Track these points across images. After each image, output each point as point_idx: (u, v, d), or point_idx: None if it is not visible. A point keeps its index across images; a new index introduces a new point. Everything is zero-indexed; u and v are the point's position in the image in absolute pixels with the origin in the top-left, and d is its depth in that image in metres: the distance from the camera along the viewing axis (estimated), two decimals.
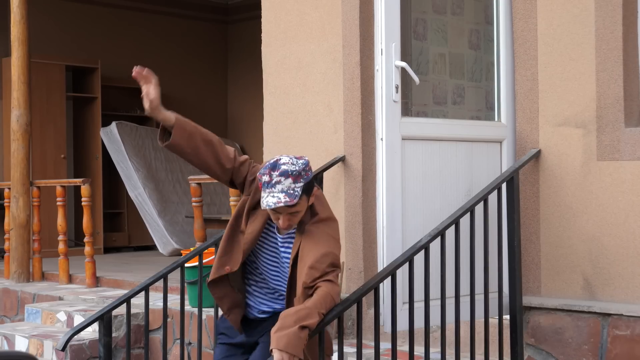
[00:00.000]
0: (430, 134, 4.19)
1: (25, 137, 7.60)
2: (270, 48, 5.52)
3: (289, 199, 3.17)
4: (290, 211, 3.23)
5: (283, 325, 3.04)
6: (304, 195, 3.24)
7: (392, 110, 3.98)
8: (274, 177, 3.19)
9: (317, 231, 3.28)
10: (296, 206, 3.22)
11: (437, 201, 4.10)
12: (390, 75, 3.96)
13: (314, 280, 3.17)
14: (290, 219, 3.26)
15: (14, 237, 7.60)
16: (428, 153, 4.14)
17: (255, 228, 3.37)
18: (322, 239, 3.27)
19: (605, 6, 4.25)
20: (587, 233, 4.31)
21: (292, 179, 3.19)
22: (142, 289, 4.36)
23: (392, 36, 3.96)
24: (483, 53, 4.70)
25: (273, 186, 3.18)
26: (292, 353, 3.00)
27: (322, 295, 3.15)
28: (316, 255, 3.19)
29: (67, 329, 5.98)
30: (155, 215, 9.40)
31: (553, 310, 4.32)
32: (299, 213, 3.27)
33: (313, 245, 3.24)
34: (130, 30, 10.76)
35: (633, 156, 4.18)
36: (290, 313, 3.08)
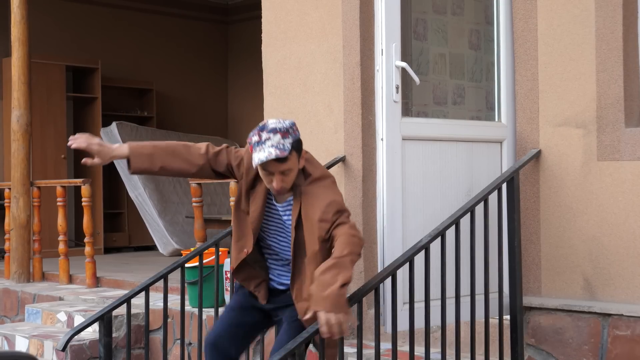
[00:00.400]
0: (431, 134, 4.18)
1: (25, 137, 7.60)
2: (270, 48, 5.52)
3: (279, 152, 3.28)
4: (282, 168, 3.32)
5: (321, 285, 3.11)
6: (294, 152, 3.35)
7: (393, 111, 3.97)
8: (263, 136, 3.31)
9: (314, 189, 3.40)
10: (287, 162, 3.32)
11: (437, 201, 4.10)
12: (390, 76, 3.96)
13: (327, 232, 3.30)
14: (283, 180, 3.35)
15: (14, 237, 7.60)
16: (428, 153, 4.14)
17: (258, 205, 3.48)
18: (321, 193, 3.38)
19: (605, 6, 4.25)
20: (588, 233, 4.31)
21: (280, 134, 3.31)
22: (143, 289, 4.36)
23: (392, 36, 3.95)
24: (483, 53, 4.70)
25: (263, 143, 3.30)
26: (337, 312, 3.09)
27: (344, 242, 3.22)
28: (321, 208, 3.32)
29: (67, 329, 5.99)
30: (155, 215, 9.40)
31: (553, 310, 4.32)
32: (291, 172, 3.36)
33: (314, 201, 3.35)
34: (130, 30, 10.76)
35: (633, 156, 4.18)
36: (324, 269, 3.14)
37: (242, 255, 3.54)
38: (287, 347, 3.22)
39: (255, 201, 3.49)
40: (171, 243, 9.21)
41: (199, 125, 11.27)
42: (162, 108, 11.04)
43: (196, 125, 11.24)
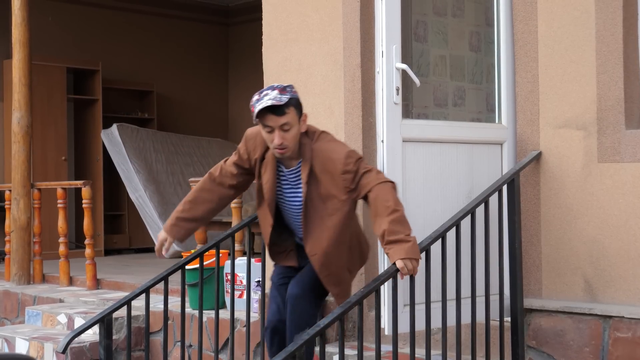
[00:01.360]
0: (431, 136, 4.18)
1: (26, 139, 7.60)
2: (271, 50, 5.52)
3: (276, 101, 3.48)
4: (280, 122, 3.50)
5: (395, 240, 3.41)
6: (292, 108, 3.54)
7: (393, 112, 3.98)
8: (262, 93, 3.54)
9: (324, 145, 3.60)
10: (285, 116, 3.51)
11: (438, 203, 4.10)
12: (391, 78, 3.96)
13: (353, 181, 3.53)
14: (283, 136, 3.52)
15: (14, 239, 7.60)
16: (429, 155, 4.14)
17: (269, 175, 3.66)
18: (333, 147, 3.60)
19: (605, 8, 4.25)
20: (588, 235, 4.31)
21: (278, 90, 3.53)
22: (143, 291, 4.36)
23: (392, 38, 3.95)
24: (483, 55, 4.70)
25: (261, 99, 3.52)
26: (413, 257, 3.42)
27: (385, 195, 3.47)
28: (341, 161, 3.52)
29: (67, 332, 5.98)
30: (156, 217, 9.40)
31: (554, 312, 4.32)
32: (291, 128, 3.53)
33: (330, 155, 3.55)
34: (131, 32, 10.77)
35: (634, 158, 4.18)
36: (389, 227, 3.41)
37: (268, 228, 3.75)
38: (287, 350, 3.22)
39: (266, 172, 3.67)
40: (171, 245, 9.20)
41: (199, 127, 11.27)
42: (162, 110, 11.04)
43: (197, 127, 11.25)
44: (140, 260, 9.27)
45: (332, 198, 3.56)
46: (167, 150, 10.14)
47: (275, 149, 3.56)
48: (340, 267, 3.70)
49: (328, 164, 3.55)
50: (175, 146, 10.30)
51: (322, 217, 3.60)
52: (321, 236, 3.61)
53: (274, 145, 3.55)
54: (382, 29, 3.94)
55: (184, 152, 10.34)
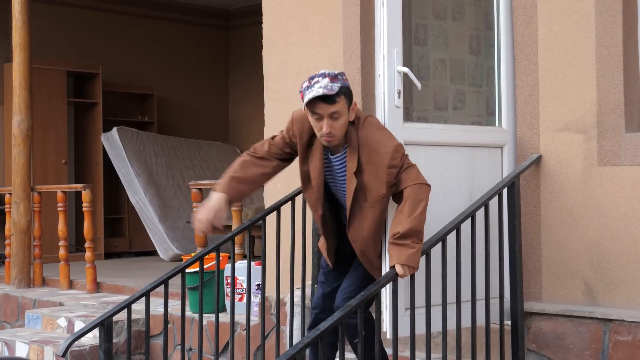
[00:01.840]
0: (432, 139, 4.17)
1: (26, 142, 7.61)
2: (271, 53, 5.53)
3: (327, 91, 3.42)
4: (330, 110, 3.46)
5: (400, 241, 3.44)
6: (343, 97, 3.50)
7: (395, 116, 3.96)
8: (313, 80, 3.48)
9: (371, 134, 3.57)
10: (336, 104, 3.47)
11: (439, 207, 4.08)
12: (392, 81, 3.94)
13: (396, 176, 3.52)
14: (332, 125, 3.49)
15: (14, 242, 7.60)
16: (430, 158, 4.13)
17: (317, 163, 3.64)
18: (381, 138, 3.57)
19: (605, 12, 4.25)
20: (588, 238, 4.31)
21: (329, 78, 3.47)
22: (143, 294, 4.35)
23: (394, 42, 3.94)
24: (484, 58, 4.70)
25: (312, 86, 3.47)
26: (411, 265, 3.46)
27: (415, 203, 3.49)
28: (388, 154, 3.50)
29: (67, 335, 5.98)
30: (156, 220, 9.40)
31: (554, 315, 4.32)
32: (340, 117, 3.50)
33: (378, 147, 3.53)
34: (131, 35, 10.78)
35: (634, 161, 4.18)
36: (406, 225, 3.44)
37: (318, 219, 3.75)
38: (287, 353, 3.22)
39: (313, 160, 3.64)
40: (172, 248, 9.21)
41: (199, 130, 11.28)
42: (162, 113, 11.05)
43: (197, 130, 11.25)
44: (140, 264, 9.27)
45: (373, 190, 3.55)
46: (168, 153, 10.15)
47: (323, 137, 3.54)
48: (376, 256, 3.72)
49: (374, 156, 3.53)
50: (176, 149, 10.31)
51: (363, 208, 3.59)
52: (362, 226, 3.62)
53: (322, 133, 3.52)
54: (384, 32, 3.92)
55: (184, 156, 10.35)
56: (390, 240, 3.51)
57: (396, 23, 3.94)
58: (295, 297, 4.95)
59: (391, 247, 3.49)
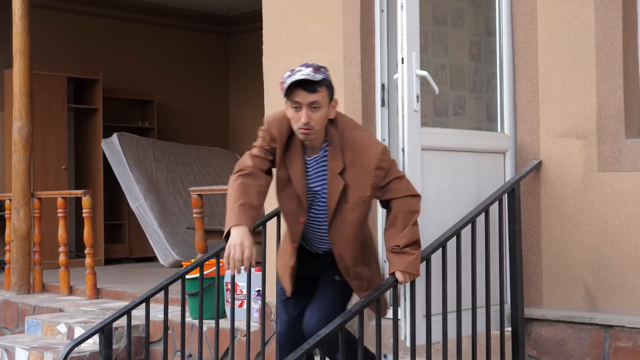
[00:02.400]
0: (446, 144, 4.13)
1: (26, 148, 7.61)
2: (271, 59, 5.53)
3: (309, 77, 3.33)
4: (310, 99, 3.36)
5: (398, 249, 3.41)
6: (325, 89, 3.41)
7: (413, 120, 3.88)
8: (294, 70, 3.40)
9: (358, 134, 3.48)
10: (317, 94, 3.37)
11: (451, 211, 4.06)
12: (411, 85, 3.86)
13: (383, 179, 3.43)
14: (310, 116, 3.37)
15: (14, 248, 7.59)
16: (444, 164, 4.09)
17: (298, 165, 3.49)
18: (368, 139, 3.50)
19: (605, 18, 4.26)
20: (589, 244, 4.31)
21: (312, 68, 3.39)
22: (143, 300, 4.35)
23: (412, 45, 3.87)
24: (484, 64, 4.70)
25: (293, 74, 3.38)
26: (411, 272, 3.44)
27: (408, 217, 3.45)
28: (376, 155, 3.44)
29: (67, 341, 5.98)
30: (156, 226, 9.40)
31: (555, 321, 4.31)
32: (320, 109, 3.39)
33: (365, 147, 3.44)
34: (131, 41, 10.79)
35: (634, 167, 4.18)
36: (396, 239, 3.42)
37: (299, 226, 3.54)
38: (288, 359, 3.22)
39: (293, 162, 3.49)
40: (172, 254, 9.20)
41: (199, 136, 11.28)
42: (163, 119, 11.06)
43: (197, 136, 11.26)
44: (140, 270, 9.26)
45: (356, 192, 3.44)
46: (168, 159, 10.15)
47: (300, 129, 3.39)
48: (356, 261, 3.59)
49: (361, 157, 3.42)
50: (176, 155, 10.31)
51: (343, 210, 3.47)
52: (341, 228, 3.50)
53: (300, 124, 3.38)
54: (403, 36, 3.85)
55: (184, 162, 10.35)
56: (388, 249, 3.48)
57: (414, 26, 3.90)
58: None
59: (390, 255, 3.47)
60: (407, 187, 3.50)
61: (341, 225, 3.50)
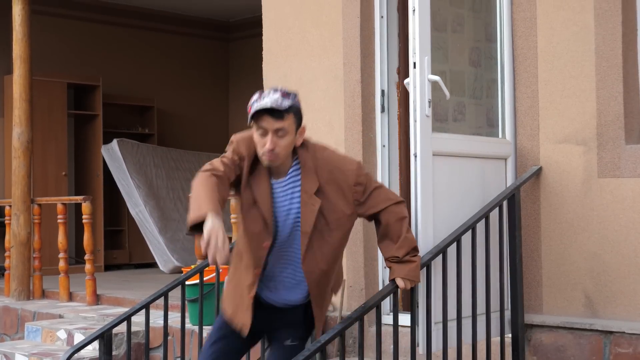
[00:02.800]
0: (455, 149, 4.12)
1: (26, 154, 7.61)
2: (271, 65, 5.54)
3: (276, 105, 3.22)
4: (276, 126, 3.24)
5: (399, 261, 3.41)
6: (292, 115, 3.28)
7: (425, 125, 3.86)
8: (263, 94, 3.29)
9: (330, 155, 3.41)
10: (283, 121, 3.25)
11: (459, 217, 4.05)
12: (424, 90, 3.83)
13: (363, 194, 3.37)
14: (276, 142, 3.24)
15: (14, 254, 7.59)
16: (453, 169, 4.08)
17: (264, 185, 3.33)
18: (341, 157, 3.43)
19: (605, 24, 4.26)
20: (589, 250, 4.31)
21: (280, 93, 3.28)
22: (143, 306, 4.35)
23: (425, 49, 3.85)
24: (484, 70, 4.71)
25: (261, 99, 3.27)
26: (413, 279, 3.45)
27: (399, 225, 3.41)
28: (353, 172, 3.35)
29: (67, 347, 5.96)
30: (156, 232, 9.39)
31: (555, 328, 4.31)
32: (285, 136, 3.26)
33: (340, 165, 3.36)
34: (131, 47, 10.79)
35: (634, 173, 4.18)
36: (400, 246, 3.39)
37: (264, 251, 3.34)
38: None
39: (260, 183, 3.33)
40: (172, 260, 9.19)
41: (199, 142, 11.28)
42: (163, 125, 11.06)
43: (197, 142, 11.25)
44: (140, 276, 9.25)
45: (335, 212, 3.32)
46: (168, 165, 10.15)
47: (264, 155, 3.27)
48: (328, 287, 3.47)
49: (337, 175, 3.33)
50: (176, 161, 10.31)
51: (322, 231, 3.32)
52: (321, 251, 3.33)
53: (264, 150, 3.26)
54: (415, 40, 3.82)
55: (184, 168, 10.35)
56: (388, 260, 3.45)
57: (426, 31, 3.87)
58: None
59: (390, 264, 3.45)
60: (388, 195, 3.43)
61: (320, 250, 3.34)
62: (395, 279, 3.44)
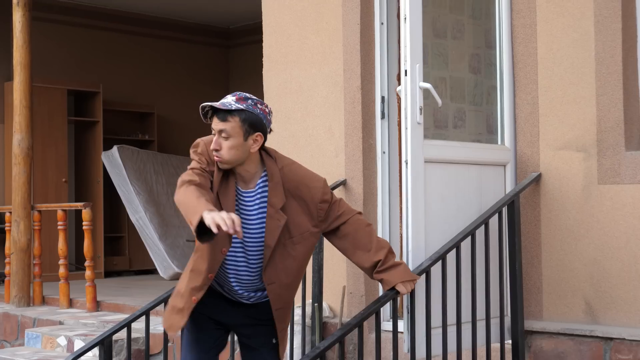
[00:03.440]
0: (449, 156, 4.13)
1: (26, 161, 7.61)
2: (271, 72, 5.54)
3: (221, 105, 3.24)
4: (220, 127, 3.25)
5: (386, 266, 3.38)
6: (238, 120, 3.25)
7: (416, 133, 3.88)
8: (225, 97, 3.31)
9: (298, 169, 3.38)
10: (227, 123, 3.24)
11: (453, 224, 4.06)
12: (414, 97, 3.86)
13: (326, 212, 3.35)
14: (219, 143, 3.25)
15: (14, 261, 7.58)
16: (447, 176, 4.09)
17: (230, 194, 3.30)
18: (308, 173, 3.39)
19: (605, 30, 4.27)
20: (589, 256, 4.31)
21: (236, 97, 3.29)
22: (143, 313, 4.34)
23: (416, 57, 3.87)
24: (484, 77, 4.71)
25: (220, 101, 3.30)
26: (411, 279, 3.44)
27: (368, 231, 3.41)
28: (319, 189, 3.33)
29: (67, 354, 5.96)
30: (156, 239, 9.39)
31: (555, 334, 4.31)
32: (229, 139, 3.24)
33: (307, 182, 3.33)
34: (131, 54, 10.80)
35: (634, 180, 4.18)
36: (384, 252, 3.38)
37: (221, 256, 3.29)
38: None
39: (226, 190, 3.31)
40: (172, 267, 9.19)
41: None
42: (163, 131, 11.06)
43: None
44: (140, 282, 9.25)
45: (299, 226, 3.30)
46: (168, 172, 10.15)
47: (213, 154, 3.29)
48: (290, 302, 3.44)
49: (303, 190, 3.31)
50: (176, 168, 10.31)
51: (285, 245, 3.30)
52: (283, 265, 3.31)
53: (211, 148, 3.29)
54: (406, 48, 3.85)
55: None
56: (372, 272, 3.41)
57: (417, 39, 3.89)
58: (295, 316, 4.94)
59: (379, 275, 3.39)
60: (348, 207, 3.43)
61: (282, 263, 3.32)
62: (395, 286, 3.41)
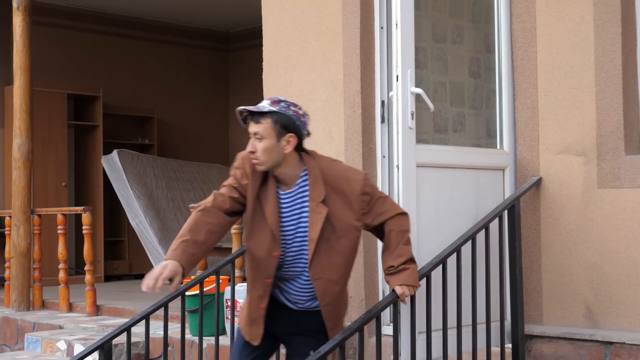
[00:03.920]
0: (442, 161, 4.14)
1: (26, 165, 7.61)
2: (271, 76, 5.54)
3: (254, 107, 3.33)
4: (253, 129, 3.35)
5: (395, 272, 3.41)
6: (270, 121, 3.33)
7: (408, 138, 3.91)
8: None
9: (337, 165, 3.46)
10: (260, 125, 3.33)
11: (448, 229, 4.07)
12: (406, 102, 3.88)
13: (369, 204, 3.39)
14: (254, 145, 3.34)
15: (14, 265, 7.58)
16: (440, 181, 4.10)
17: (272, 200, 3.38)
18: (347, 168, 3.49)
19: (604, 35, 4.27)
20: (589, 261, 4.31)
21: (270, 101, 3.38)
22: (143, 317, 4.34)
23: (407, 63, 3.90)
24: (483, 81, 4.72)
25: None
26: (411, 284, 3.44)
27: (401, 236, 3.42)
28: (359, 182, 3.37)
29: (67, 358, 5.96)
30: (156, 243, 9.38)
31: (555, 338, 4.30)
32: (262, 140, 3.33)
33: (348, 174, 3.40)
34: (131, 58, 10.81)
35: (633, 184, 4.19)
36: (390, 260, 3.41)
37: (274, 261, 3.36)
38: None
39: (267, 197, 3.38)
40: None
41: (199, 152, 11.29)
42: (163, 135, 11.07)
43: (197, 152, 11.26)
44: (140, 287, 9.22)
45: (341, 220, 3.34)
46: (168, 176, 10.15)
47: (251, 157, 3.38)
48: (339, 300, 3.47)
49: (343, 184, 3.36)
50: (176, 172, 10.31)
51: (329, 240, 3.33)
52: (328, 260, 3.34)
53: (247, 150, 3.39)
54: (398, 53, 3.88)
55: (184, 178, 10.35)
56: (385, 272, 3.46)
57: (409, 44, 3.93)
58: None
59: (388, 277, 3.45)
60: (393, 206, 3.47)
61: (327, 257, 3.35)
62: (394, 287, 3.44)
